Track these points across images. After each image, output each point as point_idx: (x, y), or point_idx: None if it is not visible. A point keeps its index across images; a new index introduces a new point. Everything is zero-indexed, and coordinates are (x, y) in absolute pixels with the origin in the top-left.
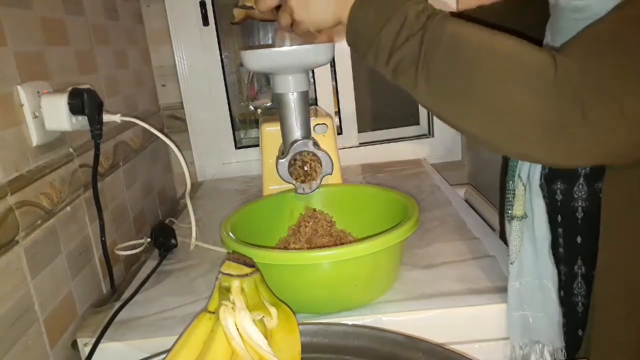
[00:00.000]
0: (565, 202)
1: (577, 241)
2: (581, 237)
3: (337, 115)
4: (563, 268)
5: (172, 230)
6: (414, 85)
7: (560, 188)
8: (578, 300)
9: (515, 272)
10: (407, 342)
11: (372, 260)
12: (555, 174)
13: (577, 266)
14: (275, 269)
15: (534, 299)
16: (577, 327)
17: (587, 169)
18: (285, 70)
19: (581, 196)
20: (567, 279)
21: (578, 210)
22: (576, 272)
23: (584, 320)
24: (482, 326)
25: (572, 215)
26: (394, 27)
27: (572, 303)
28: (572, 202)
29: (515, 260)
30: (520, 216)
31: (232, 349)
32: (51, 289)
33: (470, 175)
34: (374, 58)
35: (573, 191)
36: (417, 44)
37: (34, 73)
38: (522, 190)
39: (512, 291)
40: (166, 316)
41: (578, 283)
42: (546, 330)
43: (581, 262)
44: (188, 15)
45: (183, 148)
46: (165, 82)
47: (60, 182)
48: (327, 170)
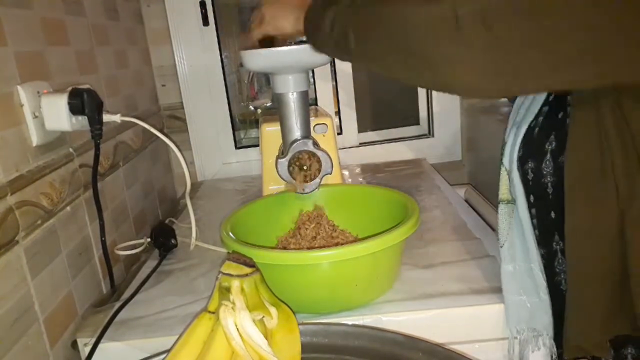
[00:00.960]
0: (535, 180)
1: (552, 217)
2: (554, 212)
3: (337, 115)
4: (542, 250)
5: (172, 230)
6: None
7: (531, 167)
8: (560, 279)
9: (506, 254)
10: (407, 342)
11: (372, 260)
12: (527, 155)
13: (554, 242)
14: (275, 269)
15: (527, 284)
16: (563, 308)
17: (553, 145)
18: (285, 70)
19: (549, 172)
20: (547, 260)
21: (548, 186)
22: (555, 249)
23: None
24: (482, 326)
25: (544, 192)
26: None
27: (556, 283)
28: (542, 179)
29: (505, 242)
30: (506, 200)
31: (232, 349)
32: (51, 289)
33: (470, 175)
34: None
35: (541, 168)
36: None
37: (34, 73)
38: (505, 174)
39: (505, 275)
40: (166, 316)
41: (558, 260)
42: (542, 317)
43: (558, 238)
44: (188, 15)
45: (183, 148)
46: (165, 82)
47: (60, 182)
48: (327, 170)
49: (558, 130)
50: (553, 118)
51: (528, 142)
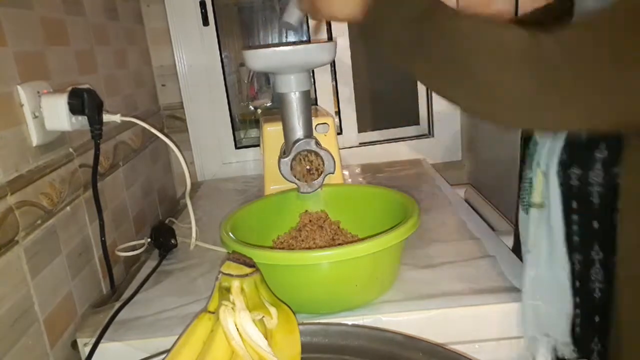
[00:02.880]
0: (581, 187)
1: (594, 226)
2: (598, 222)
3: (337, 115)
4: (578, 256)
5: (172, 230)
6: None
7: (577, 173)
8: (595, 287)
9: (531, 261)
10: (406, 342)
11: (372, 260)
12: (572, 160)
13: (594, 252)
14: (275, 269)
15: (547, 290)
16: (594, 314)
17: (604, 154)
18: (287, 69)
19: (597, 181)
20: (582, 267)
21: (594, 195)
22: (593, 258)
23: (601, 307)
24: (481, 326)
25: (588, 200)
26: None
27: (589, 290)
28: (588, 187)
29: (533, 249)
30: (538, 204)
31: (232, 349)
32: (51, 289)
33: (470, 175)
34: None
35: (589, 176)
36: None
37: (34, 73)
38: (541, 177)
39: (527, 280)
40: (166, 316)
41: (596, 269)
42: (557, 323)
43: (598, 248)
44: (188, 15)
45: (183, 148)
46: (165, 82)
47: (60, 182)
48: (330, 169)
49: (608, 139)
50: None
51: (572, 147)
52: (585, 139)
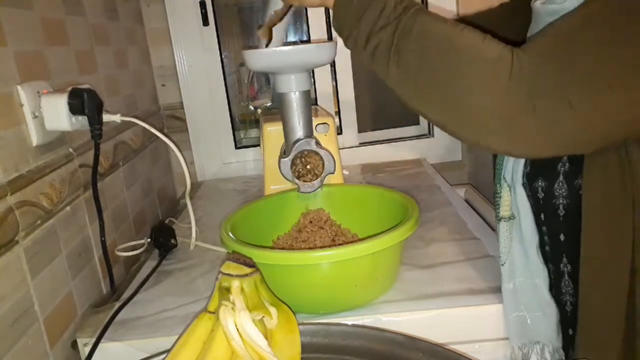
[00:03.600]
0: (546, 199)
1: (561, 239)
2: (564, 234)
3: (337, 115)
4: (551, 266)
5: (172, 230)
6: (386, 72)
7: (542, 186)
8: (566, 300)
9: (507, 273)
10: (406, 342)
11: (372, 260)
12: (536, 172)
13: (562, 264)
14: (275, 269)
15: (529, 299)
16: (568, 327)
17: (566, 167)
18: (287, 69)
19: (562, 193)
20: (555, 277)
21: (559, 207)
22: (562, 270)
23: (573, 320)
24: (481, 326)
25: (555, 213)
26: (374, 13)
27: (562, 302)
28: (553, 200)
29: (506, 261)
30: (507, 217)
31: (232, 349)
32: (51, 289)
33: (470, 175)
34: (354, 42)
35: (554, 189)
36: (391, 32)
37: (34, 73)
38: (507, 190)
39: (506, 293)
40: (166, 316)
41: (565, 281)
42: (545, 330)
43: (566, 260)
44: (188, 15)
45: (183, 148)
46: (165, 82)
47: (60, 182)
48: (330, 169)
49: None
50: None
51: (536, 160)
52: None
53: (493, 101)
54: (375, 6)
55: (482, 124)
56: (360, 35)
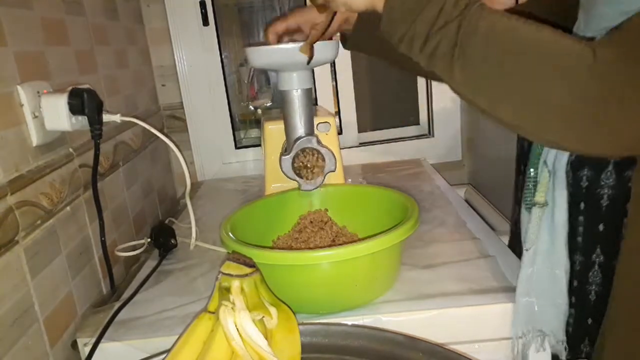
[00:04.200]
0: (590, 189)
1: (599, 229)
2: (604, 225)
3: (337, 115)
4: (579, 257)
5: (172, 230)
6: (450, 72)
7: (587, 175)
8: (591, 289)
9: (529, 258)
10: (406, 342)
11: (372, 260)
12: (583, 161)
13: (595, 255)
14: (275, 269)
15: (543, 287)
16: (588, 316)
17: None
18: (289, 67)
19: (608, 183)
20: (582, 268)
21: (603, 197)
22: (594, 261)
23: (594, 310)
24: (481, 326)
25: (597, 202)
26: (432, 12)
27: (585, 291)
28: (597, 189)
29: (532, 247)
30: (542, 202)
31: (232, 349)
32: (51, 289)
33: (470, 175)
34: (409, 44)
35: (600, 178)
36: (454, 31)
37: (34, 73)
38: (547, 176)
39: (522, 277)
40: (166, 316)
41: (594, 272)
42: (550, 320)
43: (600, 251)
44: (188, 15)
45: (183, 148)
46: (165, 82)
47: (60, 182)
48: (331, 167)
49: None
50: None
51: None
52: None
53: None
54: (434, 5)
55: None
56: (416, 36)
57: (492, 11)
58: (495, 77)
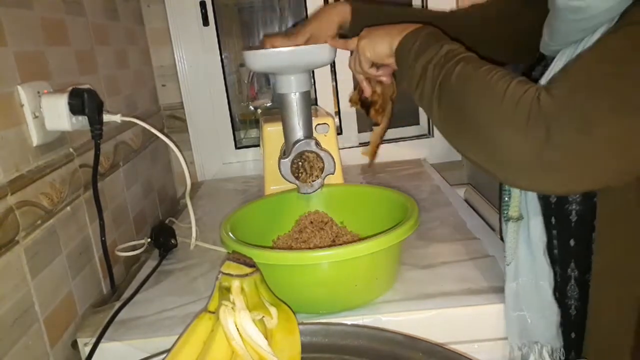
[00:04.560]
0: (558, 204)
1: (571, 244)
2: (574, 240)
3: (337, 115)
4: (558, 269)
5: (172, 230)
6: (430, 111)
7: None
8: (571, 304)
9: (512, 272)
10: (406, 342)
11: (372, 260)
12: None
13: (570, 269)
14: (275, 269)
15: (531, 299)
16: (571, 330)
17: None
18: (287, 70)
19: (575, 199)
20: (561, 281)
21: (572, 213)
22: (569, 275)
23: (576, 324)
24: (481, 326)
25: (566, 218)
26: (428, 57)
27: (566, 305)
28: (566, 205)
29: (512, 261)
30: (515, 217)
31: (232, 349)
32: (51, 289)
33: (470, 175)
34: (409, 82)
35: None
36: (437, 75)
37: (34, 73)
38: (518, 191)
39: (509, 292)
40: (166, 316)
41: (571, 286)
42: (544, 331)
43: (574, 265)
44: (188, 15)
45: (183, 148)
46: (165, 82)
47: (61, 182)
48: (330, 170)
49: None
50: None
51: None
52: None
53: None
54: (431, 51)
55: (511, 164)
56: (414, 76)
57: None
58: (458, 117)
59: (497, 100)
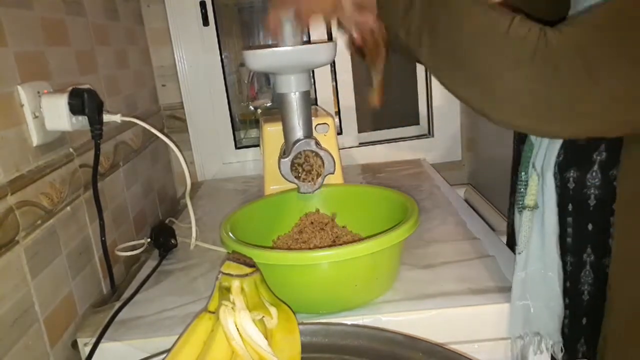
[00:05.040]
0: (577, 190)
1: (588, 229)
2: (592, 224)
3: (337, 115)
4: (570, 258)
5: (172, 230)
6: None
7: (573, 176)
8: (584, 289)
9: (522, 262)
10: (406, 342)
11: (372, 260)
12: (569, 162)
13: (585, 254)
14: (275, 269)
15: (537, 289)
16: (582, 316)
17: (603, 156)
18: (287, 70)
19: (594, 183)
20: (574, 269)
21: (590, 197)
22: (585, 261)
23: (589, 309)
24: (481, 326)
25: (584, 203)
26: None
27: (578, 292)
28: (584, 190)
29: (524, 250)
30: (532, 206)
31: (232, 349)
32: (51, 289)
33: (470, 175)
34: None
35: (586, 178)
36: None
37: (34, 73)
38: (536, 180)
39: (516, 280)
40: (166, 316)
41: (586, 272)
42: (547, 322)
43: (590, 251)
44: (188, 15)
45: (183, 148)
46: (165, 82)
47: (61, 182)
48: (330, 170)
49: (608, 140)
50: None
51: (571, 149)
52: (584, 141)
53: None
54: None
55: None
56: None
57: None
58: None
59: (500, 36)
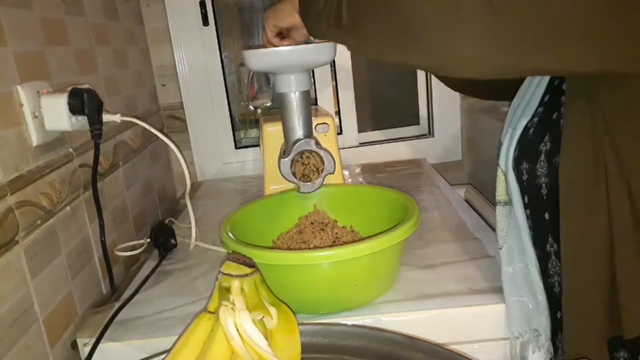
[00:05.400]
0: (530, 181)
1: (545, 218)
2: (548, 213)
3: (337, 115)
4: (537, 251)
5: (172, 230)
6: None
7: (526, 167)
8: (554, 281)
9: (505, 257)
10: (406, 342)
11: (372, 260)
12: (521, 155)
13: (548, 244)
14: (275, 269)
15: (525, 285)
16: (556, 309)
17: (548, 146)
18: (287, 69)
19: (543, 172)
20: (542, 261)
21: (542, 187)
22: (549, 251)
23: (560, 301)
24: (481, 326)
25: (538, 192)
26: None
27: (549, 284)
28: (536, 180)
29: (504, 245)
30: (504, 201)
31: (232, 349)
32: (51, 289)
33: (470, 175)
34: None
35: (536, 168)
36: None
37: (34, 73)
38: (502, 176)
39: (506, 277)
40: (166, 316)
41: (552, 262)
42: (539, 318)
43: (552, 240)
44: (188, 15)
45: (183, 148)
46: (165, 82)
47: (60, 182)
48: (330, 169)
49: (552, 131)
50: (547, 119)
51: (523, 143)
52: (533, 134)
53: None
54: None
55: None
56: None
57: None
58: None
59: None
